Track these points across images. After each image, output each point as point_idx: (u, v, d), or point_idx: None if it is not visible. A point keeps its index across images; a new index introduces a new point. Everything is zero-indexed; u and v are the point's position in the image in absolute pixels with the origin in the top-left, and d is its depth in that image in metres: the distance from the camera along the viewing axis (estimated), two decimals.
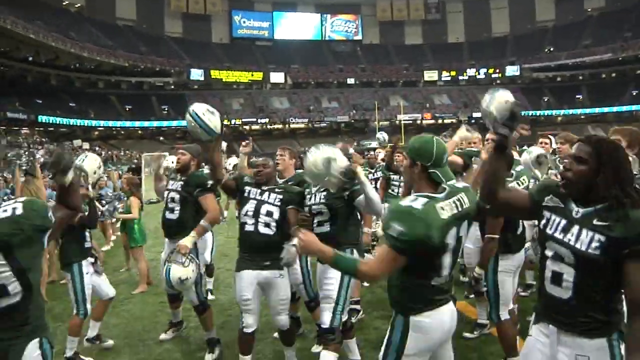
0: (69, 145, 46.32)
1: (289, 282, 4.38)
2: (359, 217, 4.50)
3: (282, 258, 2.81)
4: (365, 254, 4.37)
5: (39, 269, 2.62)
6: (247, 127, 67.94)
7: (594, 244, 2.10)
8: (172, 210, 5.02)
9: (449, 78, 78.12)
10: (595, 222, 2.12)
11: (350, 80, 78.19)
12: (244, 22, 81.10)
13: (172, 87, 69.81)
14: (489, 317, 4.25)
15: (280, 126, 69.72)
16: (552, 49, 73.23)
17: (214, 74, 71.67)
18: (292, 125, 70.10)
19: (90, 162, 4.76)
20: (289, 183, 4.63)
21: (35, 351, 2.47)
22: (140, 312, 6.70)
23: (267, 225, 4.18)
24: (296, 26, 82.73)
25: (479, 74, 76.89)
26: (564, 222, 2.24)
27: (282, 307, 4.28)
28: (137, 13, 74.09)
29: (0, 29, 44.65)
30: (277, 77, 74.92)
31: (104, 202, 10.25)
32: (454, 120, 69.52)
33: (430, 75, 78.48)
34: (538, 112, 66.79)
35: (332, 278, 3.85)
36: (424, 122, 70.63)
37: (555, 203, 2.30)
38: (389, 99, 75.48)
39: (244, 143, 5.69)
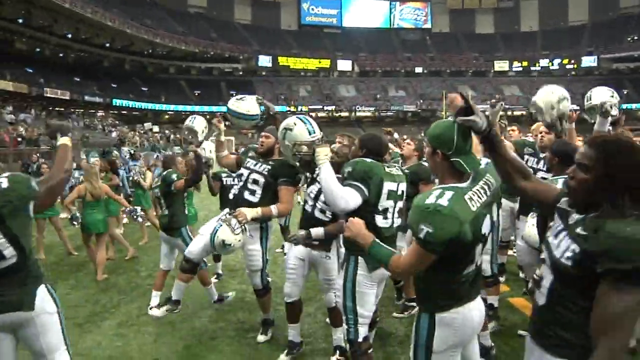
0: (140, 127, 47.11)
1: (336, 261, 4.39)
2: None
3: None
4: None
5: (29, 234, 2.97)
6: (313, 114, 67.21)
7: (568, 254, 1.92)
8: (252, 193, 4.77)
9: (520, 68, 75.50)
10: (578, 230, 1.92)
11: (418, 69, 76.83)
12: (313, 9, 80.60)
13: (241, 73, 70.56)
14: None
15: (346, 114, 68.97)
16: (635, 38, 68.46)
17: (282, 60, 71.86)
18: (358, 114, 69.24)
19: (198, 122, 5.83)
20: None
21: (44, 293, 2.97)
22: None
23: (321, 211, 4.25)
24: (365, 13, 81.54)
25: (552, 64, 73.69)
26: (560, 226, 2.07)
27: (327, 286, 4.44)
28: (207, 0, 74.82)
29: (81, 17, 46.21)
30: (344, 65, 74.25)
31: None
32: (524, 112, 67.07)
33: (500, 65, 76.12)
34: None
35: (338, 289, 3.77)
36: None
37: (566, 207, 2.09)
38: (458, 88, 72.62)
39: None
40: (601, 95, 4.68)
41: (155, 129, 48.76)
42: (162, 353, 4.88)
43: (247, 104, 4.50)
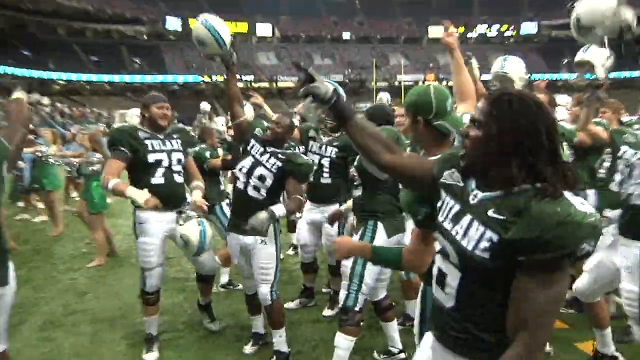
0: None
1: (275, 250, 4.38)
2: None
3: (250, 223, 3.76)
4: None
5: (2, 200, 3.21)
6: None
7: (483, 244, 1.74)
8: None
9: (456, 35, 75.87)
10: (490, 213, 1.75)
11: (346, 36, 77.32)
12: None
13: (146, 37, 68.72)
14: None
15: (266, 85, 68.37)
16: (574, 4, 71.27)
17: (193, 23, 67.77)
18: (280, 84, 68.97)
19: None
20: (334, 144, 5.23)
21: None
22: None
23: (256, 189, 4.29)
24: None
25: (490, 30, 76.22)
26: (457, 207, 1.90)
27: (263, 277, 4.31)
28: None
29: None
30: (264, 29, 73.69)
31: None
32: None
33: (435, 31, 76.44)
34: (556, 76, 65.78)
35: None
36: (427, 83, 69.25)
37: (455, 180, 1.97)
38: (389, 57, 75.06)
39: (253, 99, 6.51)
40: (516, 69, 4.70)
41: (45, 101, 46.29)
42: (103, 355, 4.66)
43: (225, 30, 4.25)
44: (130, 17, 66.09)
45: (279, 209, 4.15)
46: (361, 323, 3.91)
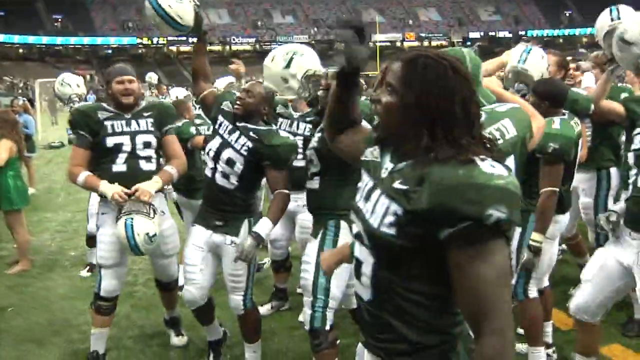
0: None
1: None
2: None
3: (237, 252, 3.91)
4: None
5: None
6: (173, 49, 66.61)
7: (388, 219, 1.80)
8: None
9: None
10: (396, 184, 1.82)
11: None
12: None
13: None
14: (515, 293, 4.20)
15: (218, 48, 68.30)
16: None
17: None
18: (233, 47, 68.94)
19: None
20: (307, 120, 5.11)
21: None
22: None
23: (225, 175, 4.18)
24: None
25: None
26: (370, 184, 2.00)
27: (233, 285, 4.26)
28: None
29: None
30: None
31: None
32: (443, 42, 69.90)
33: None
34: (557, 32, 66.65)
35: (308, 262, 3.84)
36: (405, 44, 70.96)
37: (374, 157, 2.06)
38: (361, 14, 74.35)
39: (233, 65, 6.56)
40: (538, 66, 4.68)
41: None
42: None
43: (183, 8, 4.24)
44: None
45: (264, 227, 4.00)
46: (337, 341, 3.86)
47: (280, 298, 5.79)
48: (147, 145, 4.56)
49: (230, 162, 4.15)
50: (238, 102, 4.19)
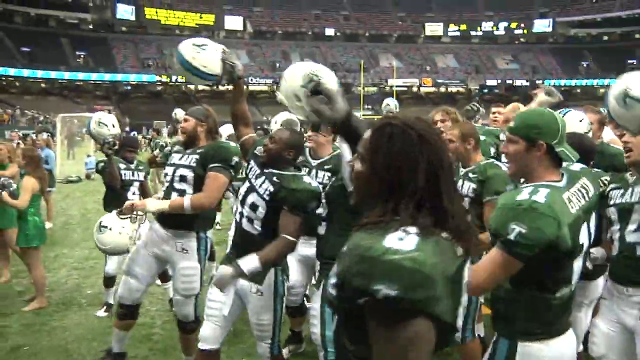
0: None
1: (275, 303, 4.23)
2: None
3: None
4: None
5: None
6: (192, 87, 67.02)
7: (332, 280, 1.85)
8: (181, 193, 4.85)
9: (457, 33, 78.76)
10: None
11: (330, 32, 78.32)
12: None
13: (91, 26, 68.64)
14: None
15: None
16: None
17: (149, 13, 70.56)
18: (251, 87, 68.97)
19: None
20: (325, 167, 5.03)
21: None
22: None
23: (249, 220, 4.18)
24: None
25: (497, 28, 77.46)
26: None
27: (260, 333, 4.23)
28: None
29: None
30: (233, 23, 74.28)
31: None
32: (460, 89, 70.24)
33: (433, 29, 79.00)
34: (574, 82, 66.77)
35: (314, 316, 3.94)
36: (422, 89, 72.20)
37: None
38: (379, 57, 75.96)
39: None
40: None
41: None
42: None
43: (206, 57, 4.32)
44: (73, 1, 65.90)
45: (249, 263, 3.85)
46: None
47: (296, 341, 5.76)
48: (181, 178, 4.78)
49: (253, 207, 4.15)
50: (263, 148, 4.22)
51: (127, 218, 4.75)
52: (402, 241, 1.62)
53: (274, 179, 4.12)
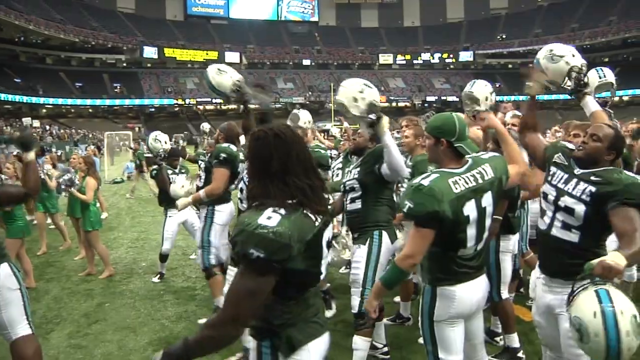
0: (19, 125, 43.30)
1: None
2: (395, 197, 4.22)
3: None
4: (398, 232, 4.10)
5: None
6: (201, 107, 66.59)
7: None
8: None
9: (404, 62, 78.59)
10: None
11: (306, 62, 77.94)
12: None
13: (125, 64, 67.80)
14: (490, 296, 3.98)
15: (234, 106, 66.78)
16: (504, 36, 74.42)
17: (168, 52, 69.58)
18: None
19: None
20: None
21: (7, 270, 3.30)
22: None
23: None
24: (252, 5, 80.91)
25: (433, 58, 77.58)
26: None
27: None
28: None
29: None
30: (232, 57, 72.96)
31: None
32: (407, 104, 70.26)
33: (385, 58, 78.83)
34: None
35: (358, 261, 3.81)
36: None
37: None
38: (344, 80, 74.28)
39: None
40: (482, 91, 4.30)
41: (36, 123, 45.09)
42: None
43: (221, 80, 4.38)
44: (112, 47, 65.22)
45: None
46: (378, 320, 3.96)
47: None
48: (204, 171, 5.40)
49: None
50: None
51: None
52: (270, 219, 1.82)
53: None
